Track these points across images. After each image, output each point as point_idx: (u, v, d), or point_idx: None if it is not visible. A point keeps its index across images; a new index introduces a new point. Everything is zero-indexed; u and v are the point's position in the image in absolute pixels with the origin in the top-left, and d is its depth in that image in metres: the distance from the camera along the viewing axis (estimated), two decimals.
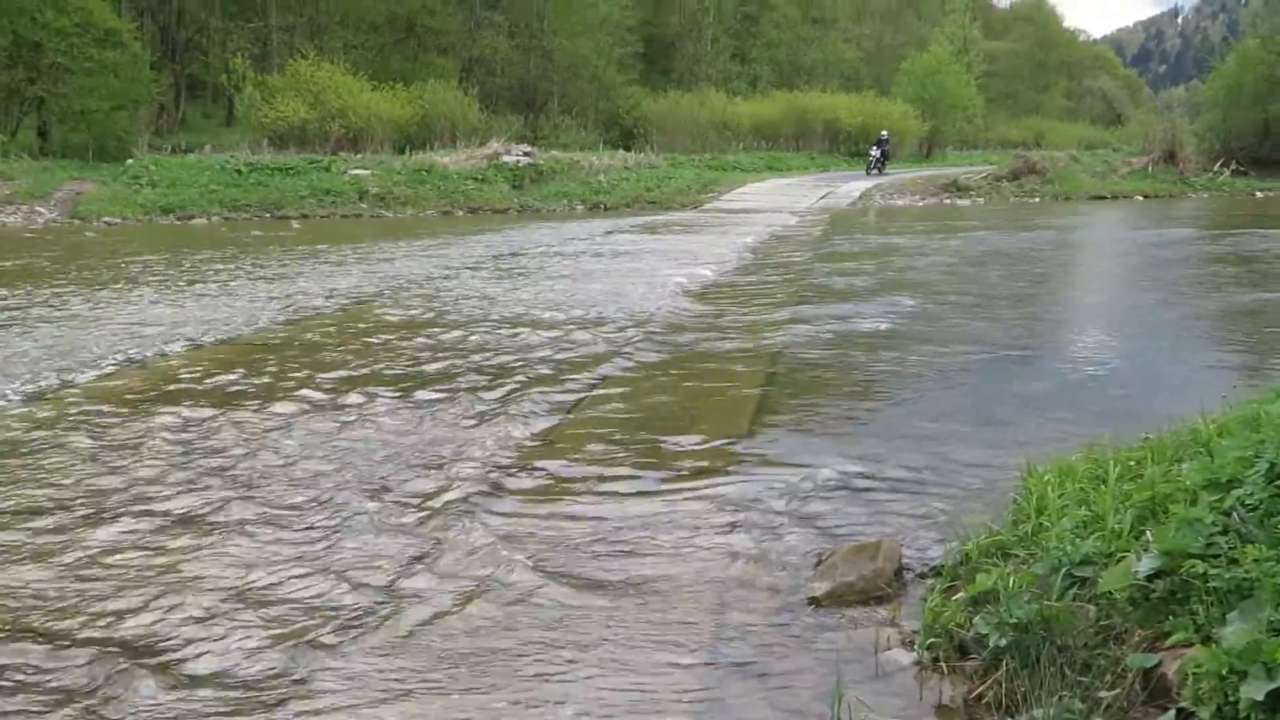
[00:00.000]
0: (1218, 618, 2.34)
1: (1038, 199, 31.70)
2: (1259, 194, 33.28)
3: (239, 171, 26.34)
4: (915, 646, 3.14)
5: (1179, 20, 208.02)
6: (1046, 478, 3.62)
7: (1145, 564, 2.63)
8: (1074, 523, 3.16)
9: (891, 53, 61.23)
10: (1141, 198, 32.65)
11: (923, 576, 3.64)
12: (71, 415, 6.04)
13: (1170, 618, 2.55)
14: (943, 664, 3.04)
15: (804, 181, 36.07)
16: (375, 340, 8.50)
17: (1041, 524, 3.31)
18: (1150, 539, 2.76)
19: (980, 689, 2.85)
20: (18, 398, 6.51)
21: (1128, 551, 2.78)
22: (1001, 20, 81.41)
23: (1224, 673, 2.15)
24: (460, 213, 26.04)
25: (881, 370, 7.32)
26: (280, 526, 4.28)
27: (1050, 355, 8.04)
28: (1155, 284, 12.65)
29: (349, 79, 32.45)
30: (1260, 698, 2.03)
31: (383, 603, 3.58)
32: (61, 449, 5.34)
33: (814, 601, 3.52)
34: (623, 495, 4.67)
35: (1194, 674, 2.27)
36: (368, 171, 27.52)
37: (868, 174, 37.69)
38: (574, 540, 4.15)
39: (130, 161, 26.54)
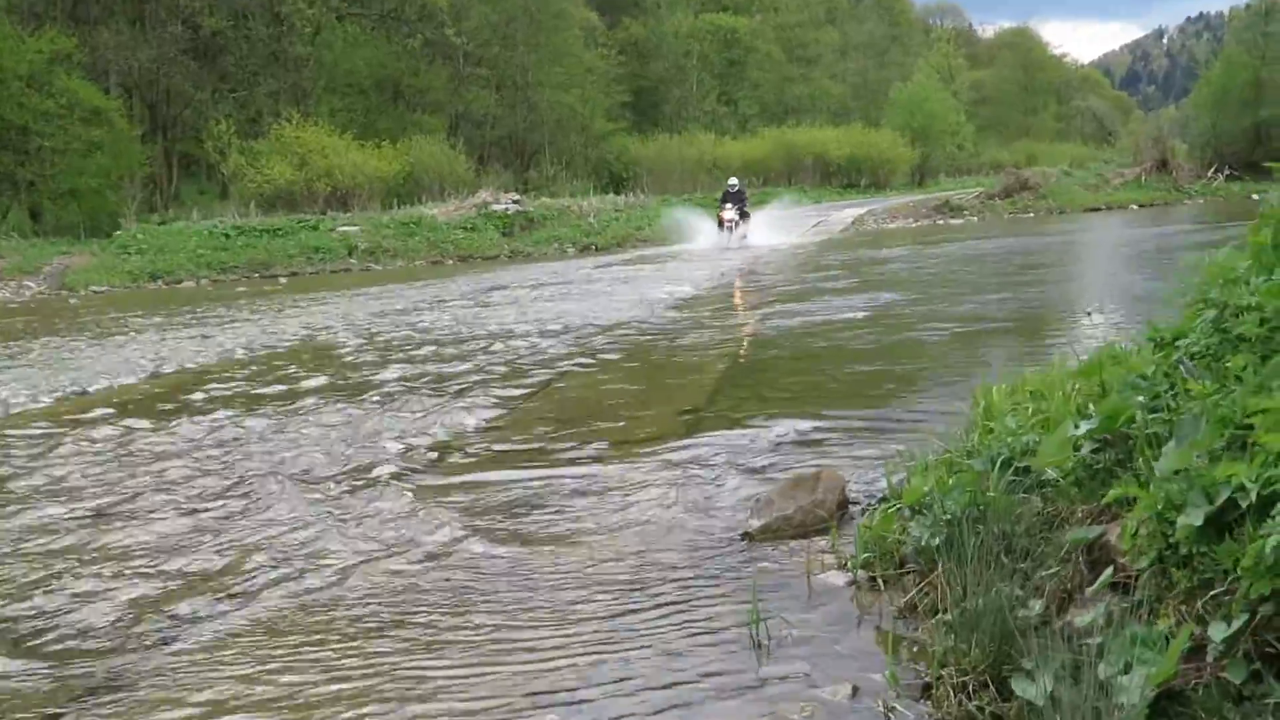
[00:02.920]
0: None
1: (1031, 214, 31.42)
2: (1255, 196, 32.97)
3: (226, 235, 26.22)
4: (849, 568, 2.84)
5: (1164, 41, 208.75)
6: (999, 389, 3.32)
7: (1083, 427, 2.32)
8: (1018, 420, 2.86)
9: (878, 86, 61.39)
10: (1136, 206, 32.36)
11: (869, 508, 3.33)
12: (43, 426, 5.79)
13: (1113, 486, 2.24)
14: (878, 579, 2.74)
15: (797, 213, 35.91)
16: (345, 358, 8.24)
17: (989, 429, 3.01)
18: (1093, 410, 2.46)
19: (913, 595, 2.54)
20: None
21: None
22: (986, 50, 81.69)
23: (1160, 509, 1.84)
24: (450, 261, 25.84)
25: (854, 347, 7.03)
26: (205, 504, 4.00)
27: (1024, 326, 7.73)
28: (1144, 269, 12.33)
29: (335, 139, 32.49)
30: (1199, 523, 1.72)
31: (298, 562, 3.30)
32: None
33: (747, 537, 3.22)
34: (566, 463, 4.38)
35: (1132, 527, 1.96)
36: (356, 228, 27.41)
37: (719, 239, 22.93)
38: (507, 502, 3.86)
39: (118, 233, 26.48)
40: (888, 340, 7.22)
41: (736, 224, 22.59)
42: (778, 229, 24.39)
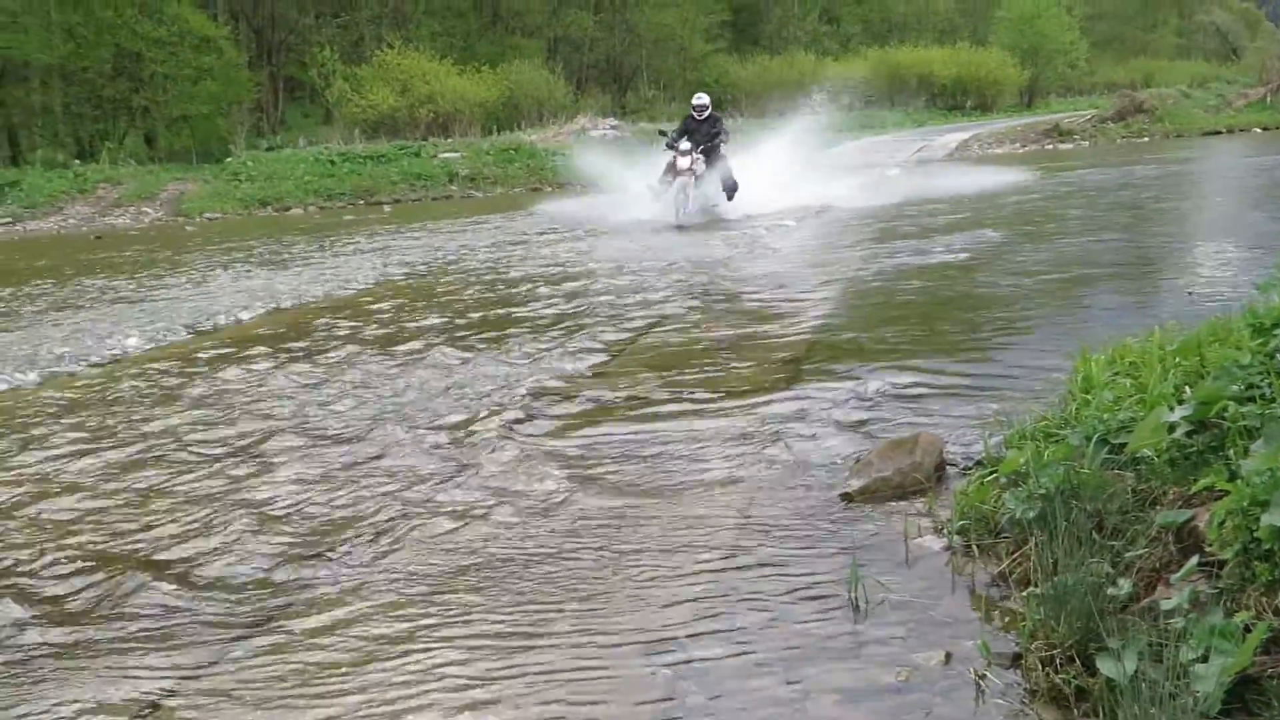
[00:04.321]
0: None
1: (1146, 138, 30.30)
2: None
3: (332, 162, 26.86)
4: (946, 533, 2.97)
5: None
6: (1097, 360, 3.38)
7: (1178, 413, 2.41)
8: (1115, 395, 2.93)
9: (987, 2, 59.22)
10: (1260, 130, 30.94)
11: (966, 471, 3.44)
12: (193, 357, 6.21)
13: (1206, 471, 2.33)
14: (973, 546, 2.86)
15: (899, 137, 35.19)
16: (454, 295, 8.52)
17: (1087, 400, 3.08)
18: (1189, 394, 2.53)
19: (1006, 566, 2.67)
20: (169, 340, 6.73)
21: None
22: None
23: (1247, 505, 1.94)
24: (549, 189, 26.11)
25: (952, 294, 7.04)
26: (330, 450, 4.29)
27: (1132, 273, 7.61)
28: (1269, 204, 11.92)
29: (435, 65, 32.84)
30: None
31: (419, 509, 3.56)
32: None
33: (846, 498, 3.36)
34: (667, 415, 4.55)
35: (1219, 516, 2.06)
36: (457, 154, 27.81)
37: (663, 201, 13.59)
38: (609, 454, 4.05)
39: (229, 160, 27.31)
40: (987, 287, 7.20)
41: (696, 175, 13.22)
42: (882, 151, 23.73)
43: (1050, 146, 29.78)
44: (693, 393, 4.86)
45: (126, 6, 30.07)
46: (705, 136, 13.62)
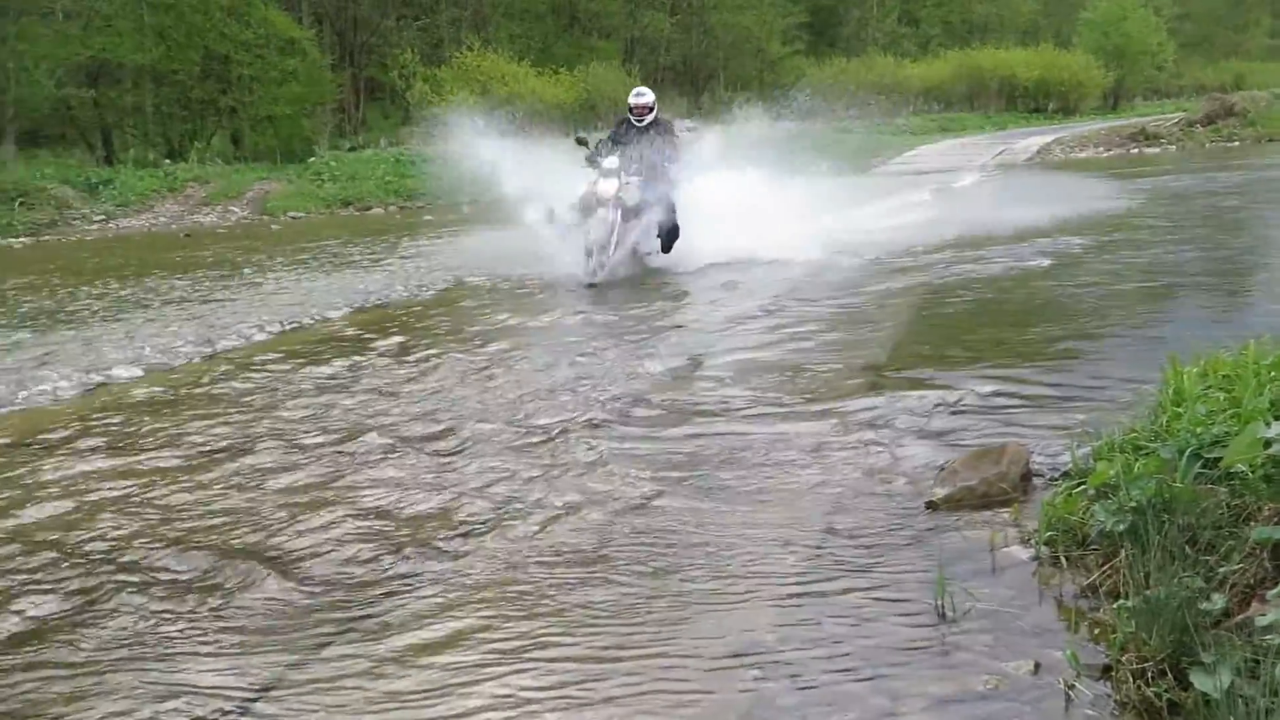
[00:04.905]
0: None
1: (1236, 143, 29.45)
2: None
3: (412, 162, 27.28)
4: (1033, 543, 2.98)
5: None
6: (1188, 372, 3.36)
7: (1275, 429, 2.40)
8: (1208, 408, 2.92)
9: (1071, 3, 58.12)
10: None
11: (1053, 482, 3.44)
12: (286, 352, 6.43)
13: None
14: (1061, 557, 2.86)
15: (978, 141, 34.72)
16: (539, 296, 8.65)
17: (1178, 413, 3.07)
18: None
19: (1095, 578, 2.67)
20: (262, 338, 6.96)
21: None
22: None
23: None
24: None
25: (1037, 301, 6.97)
26: (415, 450, 4.42)
27: (1230, 282, 7.47)
28: None
29: (514, 66, 33.22)
30: None
31: (507, 508, 3.65)
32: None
33: (931, 505, 3.38)
34: (748, 418, 4.60)
35: None
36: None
37: (581, 244, 9.28)
38: (693, 457, 4.11)
39: (312, 160, 27.90)
40: (1072, 294, 7.12)
41: (626, 208, 9.17)
42: (962, 155, 23.38)
43: (1135, 151, 29.14)
44: (776, 397, 4.89)
45: (215, 10, 30.85)
46: (644, 151, 9.33)
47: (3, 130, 25.11)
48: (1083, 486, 2.98)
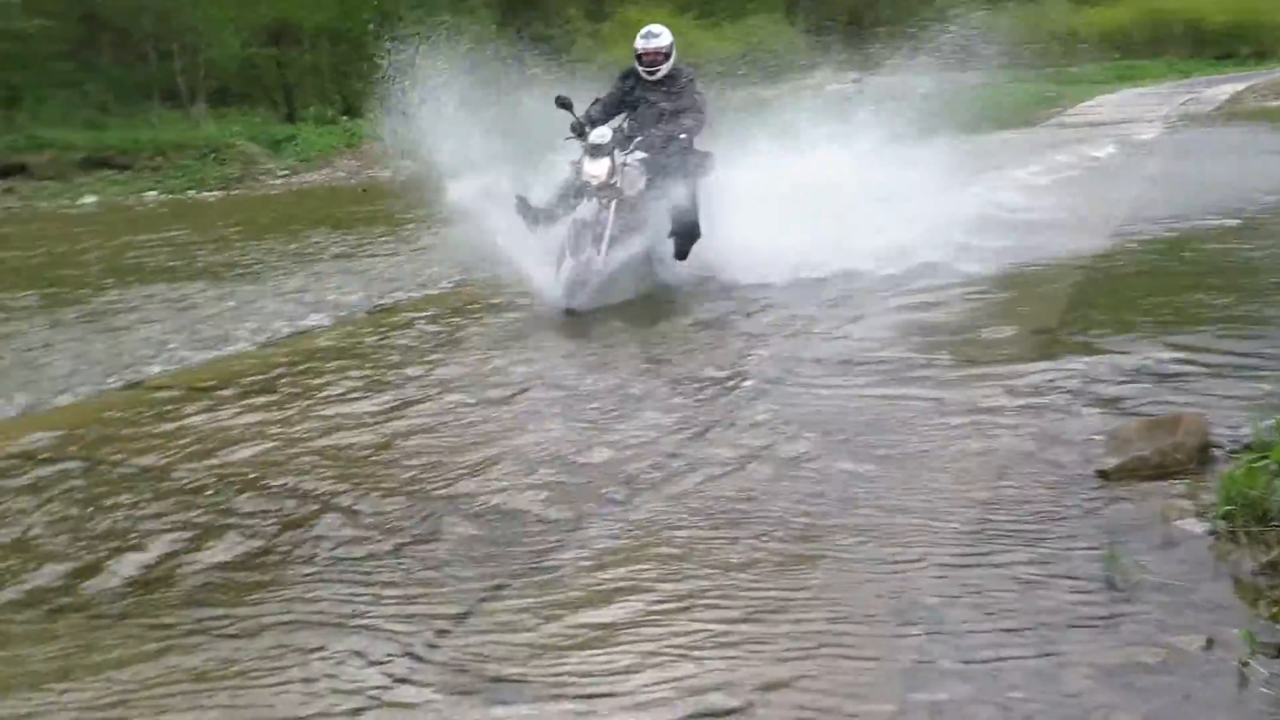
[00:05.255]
0: None
1: None
2: None
3: None
4: (1209, 517, 2.92)
5: None
6: None
7: None
8: None
9: None
10: None
11: (1233, 454, 3.34)
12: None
13: None
14: (1239, 533, 2.81)
15: (1160, 90, 32.83)
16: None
17: None
18: None
19: (1275, 554, 2.61)
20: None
21: None
22: None
23: None
24: None
25: (1223, 263, 6.66)
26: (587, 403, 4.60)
27: None
28: None
29: (676, 20, 33.15)
30: None
31: (671, 464, 3.77)
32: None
33: (1102, 475, 3.33)
34: (915, 380, 4.59)
35: None
36: None
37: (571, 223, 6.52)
38: (858, 418, 4.14)
39: None
40: (1263, 256, 6.77)
41: (622, 199, 6.53)
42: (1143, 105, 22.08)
43: None
44: (942, 359, 4.87)
45: None
46: (656, 118, 6.85)
47: (196, 89, 26.52)
48: (1265, 460, 2.90)
